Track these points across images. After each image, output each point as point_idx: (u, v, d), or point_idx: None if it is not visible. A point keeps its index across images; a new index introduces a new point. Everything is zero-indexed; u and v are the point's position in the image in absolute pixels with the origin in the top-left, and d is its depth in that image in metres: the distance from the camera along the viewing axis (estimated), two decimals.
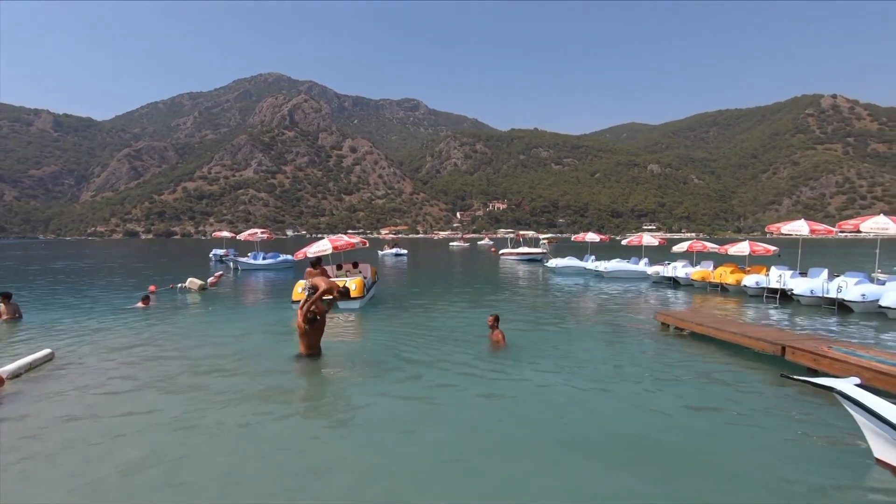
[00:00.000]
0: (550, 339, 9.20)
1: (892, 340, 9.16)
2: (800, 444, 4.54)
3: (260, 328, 9.72)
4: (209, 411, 5.23)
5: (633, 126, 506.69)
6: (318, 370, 6.87)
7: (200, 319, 11.48)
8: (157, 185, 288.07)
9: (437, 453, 4.26)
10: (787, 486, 3.74)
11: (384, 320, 7.55)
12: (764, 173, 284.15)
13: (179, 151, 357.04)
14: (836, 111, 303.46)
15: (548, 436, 4.65)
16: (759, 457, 4.24)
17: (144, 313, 11.95)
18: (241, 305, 13.92)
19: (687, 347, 8.42)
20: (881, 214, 13.42)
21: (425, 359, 7.41)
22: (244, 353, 7.69)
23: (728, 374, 6.89)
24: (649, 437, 4.65)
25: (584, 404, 5.60)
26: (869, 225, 12.99)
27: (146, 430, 4.72)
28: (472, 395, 5.82)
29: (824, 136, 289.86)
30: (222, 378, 6.49)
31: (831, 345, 7.05)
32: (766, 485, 3.77)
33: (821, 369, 6.44)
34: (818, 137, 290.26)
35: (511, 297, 15.91)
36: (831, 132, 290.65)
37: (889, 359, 6.13)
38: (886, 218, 12.98)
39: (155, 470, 3.91)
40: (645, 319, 11.40)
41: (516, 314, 11.98)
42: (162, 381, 6.32)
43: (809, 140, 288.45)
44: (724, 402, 5.69)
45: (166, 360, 7.52)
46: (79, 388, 6.02)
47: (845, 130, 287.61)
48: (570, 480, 3.82)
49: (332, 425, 4.97)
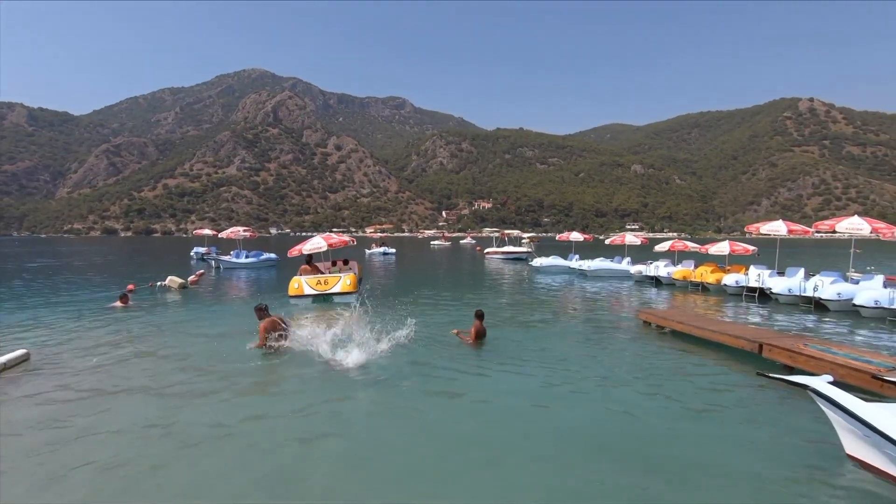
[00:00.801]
0: (532, 336, 9.24)
1: (865, 338, 9.45)
2: (773, 440, 4.63)
3: (240, 327, 9.56)
4: (183, 411, 5.14)
5: (616, 127, 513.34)
6: (293, 371, 6.78)
7: (179, 318, 11.23)
8: (136, 181, 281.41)
9: (403, 455, 4.22)
10: (758, 482, 3.81)
11: (371, 316, 7.51)
12: (744, 174, 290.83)
13: (160, 148, 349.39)
14: (813, 114, 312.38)
15: (513, 434, 4.66)
16: (731, 453, 4.32)
17: (123, 312, 11.64)
18: (221, 304, 13.67)
19: (667, 345, 8.54)
20: (855, 215, 13.84)
21: (408, 359, 7.37)
22: (221, 354, 7.55)
23: (707, 371, 7.01)
24: (620, 433, 4.69)
25: (557, 402, 5.62)
26: (844, 225, 13.39)
27: (121, 432, 4.60)
28: (446, 396, 5.80)
29: (801, 139, 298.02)
30: (199, 378, 6.37)
31: (807, 342, 7.23)
32: (738, 480, 3.84)
33: (797, 366, 6.60)
34: (795, 140, 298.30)
35: (495, 296, 15.95)
36: (808, 135, 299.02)
37: (862, 356, 6.31)
38: (860, 219, 13.39)
39: (125, 470, 3.81)
40: (627, 317, 11.54)
41: (500, 312, 12.01)
42: (138, 382, 6.17)
43: (787, 142, 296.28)
44: (702, 400, 5.78)
45: (144, 360, 7.34)
46: (53, 389, 5.86)
47: (821, 133, 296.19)
48: (521, 479, 3.82)
49: (305, 427, 4.90)
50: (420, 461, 4.14)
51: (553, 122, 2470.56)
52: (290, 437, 4.59)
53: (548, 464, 4.08)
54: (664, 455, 4.25)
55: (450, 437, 4.61)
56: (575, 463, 4.10)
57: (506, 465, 4.05)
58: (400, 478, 3.85)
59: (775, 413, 5.36)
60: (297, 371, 6.76)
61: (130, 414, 5.08)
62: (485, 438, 4.57)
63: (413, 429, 4.86)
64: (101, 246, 77.02)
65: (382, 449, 4.38)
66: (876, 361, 5.96)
